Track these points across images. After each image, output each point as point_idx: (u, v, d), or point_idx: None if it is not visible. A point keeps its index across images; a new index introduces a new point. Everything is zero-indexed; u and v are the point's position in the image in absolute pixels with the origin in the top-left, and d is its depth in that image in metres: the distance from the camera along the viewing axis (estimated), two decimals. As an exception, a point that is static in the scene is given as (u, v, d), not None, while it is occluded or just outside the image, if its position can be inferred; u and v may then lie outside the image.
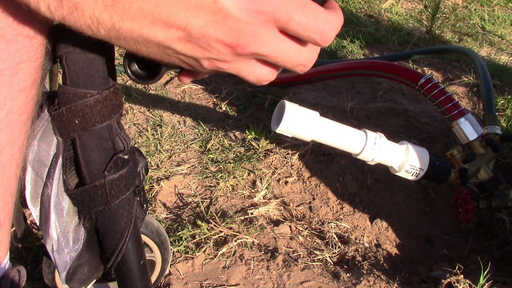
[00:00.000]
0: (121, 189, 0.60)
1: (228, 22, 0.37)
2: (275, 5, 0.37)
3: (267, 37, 0.38)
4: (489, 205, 1.21)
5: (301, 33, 0.39)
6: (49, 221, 0.59)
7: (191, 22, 0.36)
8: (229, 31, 0.37)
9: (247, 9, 0.36)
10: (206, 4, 0.35)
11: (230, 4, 0.36)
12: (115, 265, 0.65)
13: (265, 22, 0.37)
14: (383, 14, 2.70)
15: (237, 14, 0.36)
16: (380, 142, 0.90)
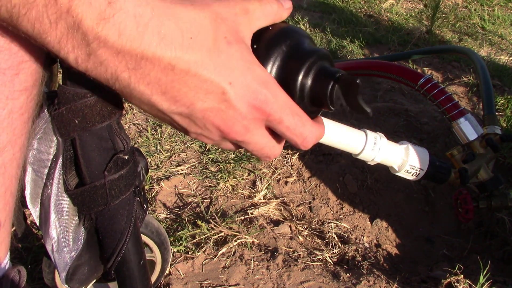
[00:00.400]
0: (121, 189, 0.60)
1: (229, 112, 0.40)
2: (273, 107, 0.41)
3: (255, 131, 0.43)
4: (489, 205, 1.21)
5: (287, 135, 0.44)
6: (49, 221, 0.59)
7: (197, 104, 0.40)
8: (227, 119, 0.41)
9: (250, 104, 0.40)
10: (215, 92, 0.39)
11: (236, 98, 0.40)
12: (115, 265, 0.65)
13: (259, 119, 0.42)
14: (383, 14, 2.70)
15: (240, 107, 0.40)
16: (380, 142, 0.90)
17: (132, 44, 0.36)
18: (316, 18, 2.60)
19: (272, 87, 0.41)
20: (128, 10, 0.35)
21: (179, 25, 0.37)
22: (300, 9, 2.66)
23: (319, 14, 2.65)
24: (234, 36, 0.39)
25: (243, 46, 0.40)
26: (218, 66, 0.38)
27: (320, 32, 2.41)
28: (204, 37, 0.38)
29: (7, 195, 0.52)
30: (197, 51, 0.37)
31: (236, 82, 0.39)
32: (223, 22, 0.39)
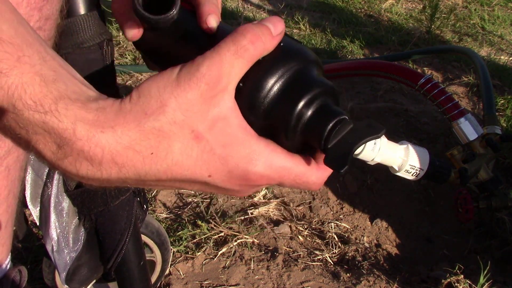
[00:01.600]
0: (120, 189, 0.60)
1: (221, 190, 0.40)
2: (268, 180, 0.39)
3: (263, 187, 0.43)
4: (489, 205, 1.21)
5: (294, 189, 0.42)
6: (49, 222, 0.59)
7: (187, 188, 0.40)
8: (223, 191, 0.40)
9: (240, 185, 0.39)
10: (199, 183, 0.38)
11: (223, 183, 0.39)
12: (115, 265, 0.66)
13: (257, 187, 0.41)
14: (383, 14, 2.70)
15: (230, 187, 0.39)
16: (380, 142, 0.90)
17: (93, 176, 0.37)
18: (316, 18, 2.60)
19: (263, 162, 0.38)
20: (79, 153, 0.36)
21: (134, 148, 0.36)
22: (300, 9, 2.66)
23: (319, 14, 2.65)
24: (205, 124, 0.36)
25: (219, 127, 0.37)
26: (191, 166, 0.37)
27: (320, 32, 2.41)
28: (166, 146, 0.36)
29: (10, 197, 0.53)
30: (162, 162, 0.36)
31: (216, 174, 0.38)
32: (185, 114, 0.36)
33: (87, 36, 0.55)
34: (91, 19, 0.57)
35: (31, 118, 0.35)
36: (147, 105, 0.36)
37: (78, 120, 0.35)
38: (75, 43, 0.53)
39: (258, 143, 0.38)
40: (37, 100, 0.35)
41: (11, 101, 0.34)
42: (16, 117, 0.35)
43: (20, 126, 0.35)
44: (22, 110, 0.35)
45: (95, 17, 0.58)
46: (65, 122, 0.35)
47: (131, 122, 0.35)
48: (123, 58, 1.96)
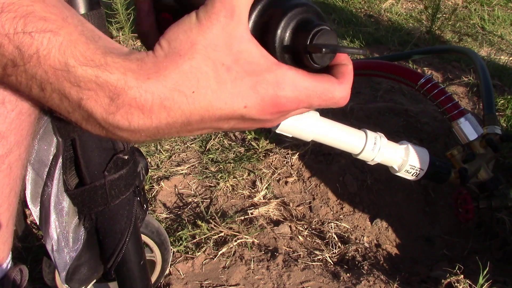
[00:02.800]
0: (121, 189, 0.60)
1: (255, 120, 0.41)
2: (298, 102, 0.41)
3: (294, 112, 0.43)
4: (489, 205, 1.21)
5: (321, 108, 0.44)
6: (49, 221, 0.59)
7: (222, 127, 0.42)
8: (256, 124, 0.42)
9: (272, 112, 0.41)
10: (235, 117, 0.40)
11: (257, 114, 0.40)
12: (115, 265, 0.66)
13: (288, 113, 0.42)
14: (383, 14, 2.70)
15: (263, 117, 0.41)
16: (380, 142, 0.90)
17: (143, 125, 0.39)
18: (316, 18, 2.59)
19: (289, 83, 0.40)
20: (131, 103, 0.37)
21: (178, 88, 0.38)
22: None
23: (319, 14, 2.64)
24: (231, 57, 0.39)
25: (243, 58, 0.39)
26: (228, 99, 0.39)
27: (320, 32, 2.41)
28: (205, 82, 0.38)
29: (11, 195, 0.53)
30: (203, 99, 0.38)
31: (250, 103, 0.39)
32: (215, 49, 0.38)
33: (87, 36, 0.55)
34: (91, 19, 0.57)
35: (84, 74, 0.36)
36: (179, 48, 0.38)
37: (127, 70, 0.37)
38: (75, 42, 0.53)
39: (280, 68, 0.40)
40: (88, 56, 0.37)
41: (64, 59, 0.36)
42: (68, 75, 0.36)
43: (72, 83, 0.37)
44: (75, 67, 0.36)
45: (95, 17, 0.58)
46: (116, 73, 0.37)
47: (170, 66, 0.38)
48: (123, 58, 1.96)
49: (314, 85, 0.41)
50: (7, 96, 0.46)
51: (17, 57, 0.36)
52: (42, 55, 0.36)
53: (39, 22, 0.35)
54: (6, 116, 0.47)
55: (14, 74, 0.38)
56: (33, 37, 0.35)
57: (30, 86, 0.38)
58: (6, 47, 0.36)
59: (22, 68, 0.37)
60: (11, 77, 0.38)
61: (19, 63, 0.37)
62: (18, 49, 0.36)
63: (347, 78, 0.45)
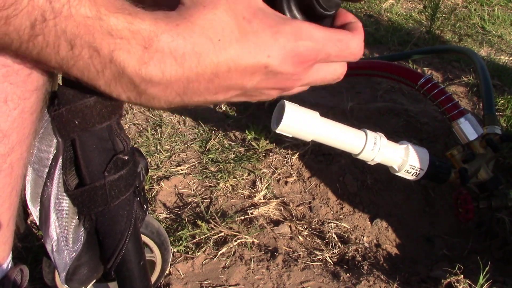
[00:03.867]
0: (121, 189, 0.60)
1: (278, 76, 0.43)
2: (315, 51, 0.42)
3: (310, 75, 0.45)
4: (489, 205, 1.21)
5: (338, 61, 0.45)
6: (49, 221, 0.59)
7: (247, 84, 0.43)
8: (280, 82, 0.43)
9: (293, 63, 0.42)
10: (259, 70, 0.41)
11: (280, 64, 0.41)
12: (115, 265, 0.66)
13: (309, 66, 0.43)
14: (383, 14, 2.70)
15: (286, 69, 0.42)
16: (380, 142, 0.90)
17: (176, 75, 0.40)
18: (316, 18, 2.59)
19: (305, 34, 0.42)
20: (164, 49, 0.38)
21: (206, 34, 0.39)
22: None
23: (319, 14, 2.64)
24: (251, 11, 0.40)
25: (261, 13, 0.41)
26: (252, 48, 0.40)
27: (320, 32, 2.41)
28: (229, 31, 0.40)
29: (12, 195, 0.53)
30: (229, 48, 0.40)
31: (273, 52, 0.41)
32: (236, 2, 0.40)
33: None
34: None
35: (116, 22, 0.37)
36: (202, 1, 0.40)
37: (157, 19, 0.38)
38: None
39: (295, 21, 0.42)
40: (119, 5, 0.37)
41: (95, 7, 0.36)
42: (100, 24, 0.37)
43: (104, 33, 0.37)
44: (107, 15, 0.37)
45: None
46: (148, 21, 0.38)
47: (195, 14, 0.39)
48: (123, 58, 1.96)
49: (329, 34, 0.43)
50: (9, 94, 0.46)
51: (47, 10, 0.35)
52: (74, 4, 0.36)
53: None
54: (8, 114, 0.47)
55: (42, 32, 0.37)
56: None
57: (58, 45, 0.37)
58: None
59: (52, 22, 0.36)
60: (39, 36, 0.37)
61: (49, 16, 0.36)
62: (48, 1, 0.35)
63: (359, 31, 0.46)
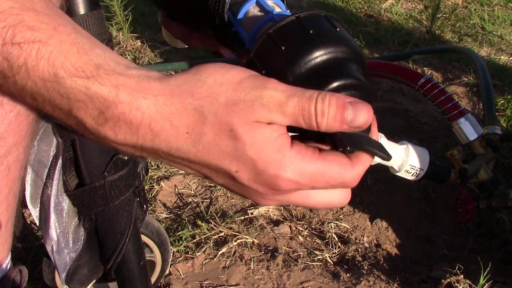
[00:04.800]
0: (121, 189, 0.60)
1: (247, 189, 0.40)
2: (298, 186, 0.38)
3: (289, 197, 0.40)
4: (489, 205, 1.21)
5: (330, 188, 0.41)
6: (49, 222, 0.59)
7: (213, 178, 0.41)
8: (248, 194, 0.40)
9: (266, 188, 0.39)
10: (225, 174, 0.39)
11: (249, 183, 0.38)
12: (115, 265, 0.66)
13: (283, 193, 0.40)
14: (383, 14, 2.70)
15: (256, 188, 0.39)
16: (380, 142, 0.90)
17: (131, 142, 0.38)
18: (316, 18, 2.59)
19: (292, 167, 0.37)
20: (119, 118, 0.37)
21: (173, 122, 0.37)
22: (300, 9, 2.66)
23: (319, 14, 2.64)
24: (244, 127, 0.37)
25: (259, 133, 0.37)
26: (221, 158, 0.37)
27: (320, 32, 2.41)
28: (202, 132, 0.37)
29: (10, 196, 0.53)
30: (196, 144, 0.37)
31: (243, 171, 0.38)
32: (230, 114, 0.36)
33: (87, 36, 0.55)
34: (91, 19, 0.57)
35: (74, 85, 0.36)
36: (197, 88, 0.37)
37: (120, 84, 0.36)
38: (75, 43, 0.53)
39: (291, 150, 0.38)
40: (78, 66, 0.35)
41: (53, 70, 0.35)
42: (58, 86, 0.36)
43: (61, 95, 0.36)
44: (64, 78, 0.35)
45: (95, 17, 0.58)
46: (108, 86, 0.36)
47: (176, 97, 0.36)
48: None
49: (323, 169, 0.38)
50: (5, 97, 0.46)
51: (6, 68, 0.36)
52: (31, 66, 0.35)
53: (28, 32, 0.34)
54: (4, 117, 0.47)
55: (5, 84, 0.37)
56: (22, 48, 0.35)
57: (23, 96, 0.38)
58: None
59: (12, 79, 0.36)
60: (3, 87, 0.37)
61: (9, 74, 0.36)
62: (7, 60, 0.35)
63: (363, 161, 0.40)
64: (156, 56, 1.99)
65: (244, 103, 0.36)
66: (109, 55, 0.37)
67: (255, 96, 0.36)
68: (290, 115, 0.37)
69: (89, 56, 0.36)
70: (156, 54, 2.02)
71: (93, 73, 0.36)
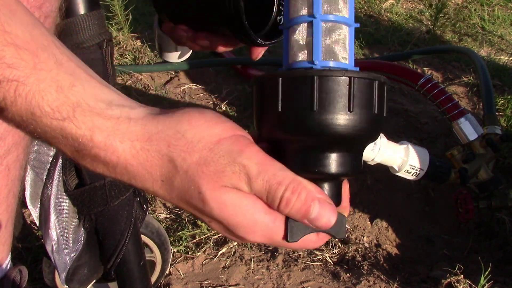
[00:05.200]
0: (120, 189, 0.60)
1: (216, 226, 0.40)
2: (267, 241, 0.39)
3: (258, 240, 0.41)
4: (489, 205, 1.21)
5: None
6: (49, 222, 0.59)
7: (202, 218, 0.40)
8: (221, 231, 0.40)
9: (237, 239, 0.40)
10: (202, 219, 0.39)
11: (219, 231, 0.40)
12: (115, 265, 0.66)
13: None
14: (383, 14, 2.70)
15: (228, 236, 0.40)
16: (380, 142, 0.90)
17: (110, 175, 0.38)
18: (316, 18, 2.59)
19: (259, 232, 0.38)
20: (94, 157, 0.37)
21: (148, 169, 0.37)
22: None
23: (319, 14, 2.64)
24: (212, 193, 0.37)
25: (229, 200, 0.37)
26: (193, 209, 0.38)
27: (320, 32, 2.41)
28: (174, 183, 0.37)
29: (9, 196, 0.53)
30: (170, 192, 0.38)
31: (215, 225, 0.39)
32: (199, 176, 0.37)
33: (87, 36, 0.55)
34: (91, 19, 0.57)
35: (49, 124, 0.36)
36: (175, 140, 0.37)
37: (96, 127, 0.36)
38: (75, 43, 0.53)
39: (259, 213, 0.38)
40: (55, 107, 0.35)
41: (29, 109, 0.35)
42: (35, 123, 0.36)
43: (39, 131, 0.36)
44: (40, 117, 0.35)
45: (95, 17, 0.58)
46: (83, 128, 0.36)
47: (153, 145, 0.36)
48: (123, 58, 1.96)
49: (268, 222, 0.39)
50: None
51: None
52: (9, 102, 0.35)
53: (7, 70, 0.34)
54: None
55: None
56: (1, 85, 0.34)
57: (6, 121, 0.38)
58: None
59: None
60: None
61: None
62: None
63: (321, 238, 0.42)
64: (156, 56, 1.99)
65: (216, 166, 0.36)
66: (90, 91, 0.36)
67: (228, 162, 0.36)
68: (256, 191, 0.37)
69: (67, 94, 0.35)
70: (156, 54, 2.02)
71: (69, 114, 0.35)
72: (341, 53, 0.40)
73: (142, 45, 2.05)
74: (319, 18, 0.39)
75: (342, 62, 0.40)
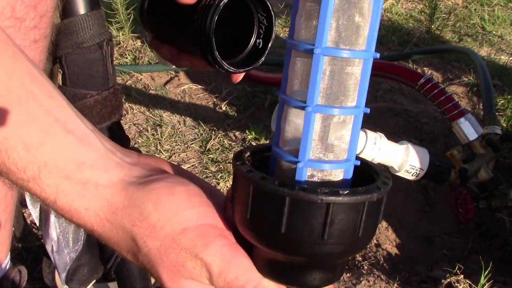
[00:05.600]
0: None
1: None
2: None
3: None
4: (489, 205, 1.21)
5: None
6: (49, 222, 0.59)
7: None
8: None
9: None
10: None
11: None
12: (115, 265, 0.66)
13: None
14: (383, 14, 2.70)
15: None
16: (380, 142, 0.90)
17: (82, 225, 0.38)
18: (316, 18, 2.59)
19: None
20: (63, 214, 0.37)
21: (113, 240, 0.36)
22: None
23: (319, 14, 2.64)
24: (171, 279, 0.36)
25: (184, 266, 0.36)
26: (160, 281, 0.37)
27: (320, 32, 2.41)
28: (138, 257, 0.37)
29: (8, 196, 0.53)
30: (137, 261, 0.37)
31: None
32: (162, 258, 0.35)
33: (87, 36, 0.55)
34: (91, 19, 0.57)
35: (16, 182, 0.35)
36: (139, 221, 0.35)
37: (60, 191, 0.34)
38: (75, 43, 0.53)
39: None
40: (20, 166, 0.34)
41: (15, 178, 0.35)
42: (5, 177, 0.35)
43: (10, 183, 0.36)
44: (7, 174, 0.34)
45: (95, 17, 0.58)
46: (47, 191, 0.35)
47: (118, 220, 0.35)
48: (123, 58, 1.96)
49: None
50: None
51: None
52: None
53: None
54: None
55: None
56: None
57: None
58: None
59: None
60: None
61: None
62: None
63: None
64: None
65: (177, 258, 0.35)
66: (61, 150, 0.35)
67: (190, 256, 0.35)
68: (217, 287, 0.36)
69: (35, 154, 0.34)
70: (156, 54, 2.02)
71: (34, 175, 0.34)
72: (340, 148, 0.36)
73: (142, 45, 2.05)
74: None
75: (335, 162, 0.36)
